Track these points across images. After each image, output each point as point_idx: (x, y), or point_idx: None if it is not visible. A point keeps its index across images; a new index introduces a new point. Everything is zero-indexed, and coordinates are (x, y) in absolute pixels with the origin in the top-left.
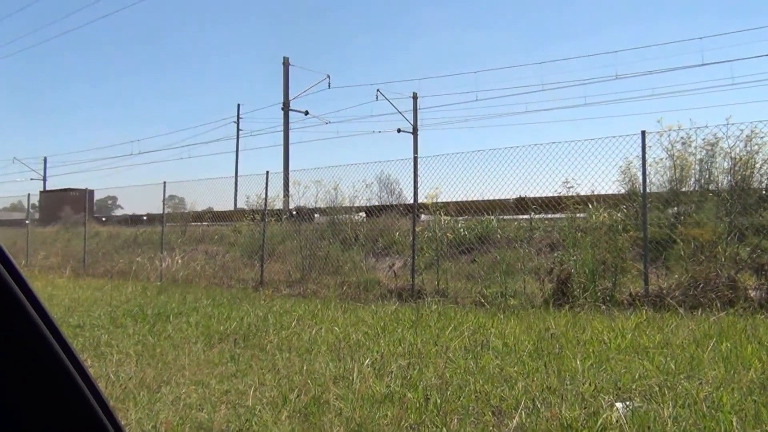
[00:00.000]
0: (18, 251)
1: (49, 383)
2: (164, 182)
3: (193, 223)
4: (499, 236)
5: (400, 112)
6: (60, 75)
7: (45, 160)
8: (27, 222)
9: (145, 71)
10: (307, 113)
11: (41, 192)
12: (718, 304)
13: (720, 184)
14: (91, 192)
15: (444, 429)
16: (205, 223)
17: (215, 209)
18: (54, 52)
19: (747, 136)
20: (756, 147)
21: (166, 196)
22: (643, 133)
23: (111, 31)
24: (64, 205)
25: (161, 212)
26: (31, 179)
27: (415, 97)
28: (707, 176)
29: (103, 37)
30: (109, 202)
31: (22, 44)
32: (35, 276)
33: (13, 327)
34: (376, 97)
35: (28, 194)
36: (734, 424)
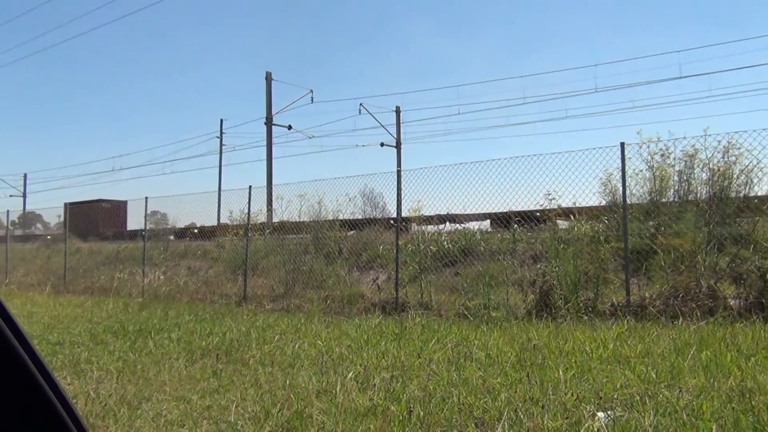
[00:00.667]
0: None
1: (22, 401)
2: (146, 197)
3: (175, 239)
4: (482, 248)
5: (384, 126)
6: (39, 92)
7: (25, 176)
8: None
9: (126, 87)
10: (290, 128)
11: (66, 204)
12: (699, 314)
13: (699, 195)
14: (125, 203)
15: None
16: (188, 239)
17: (198, 224)
18: (32, 69)
19: (724, 147)
20: (733, 158)
21: (149, 211)
22: (623, 144)
23: (91, 47)
24: (96, 218)
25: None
26: (11, 196)
27: (398, 111)
28: (686, 187)
29: (83, 53)
30: None
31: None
32: (14, 293)
33: None
34: (359, 111)
35: (8, 211)
36: (714, 431)
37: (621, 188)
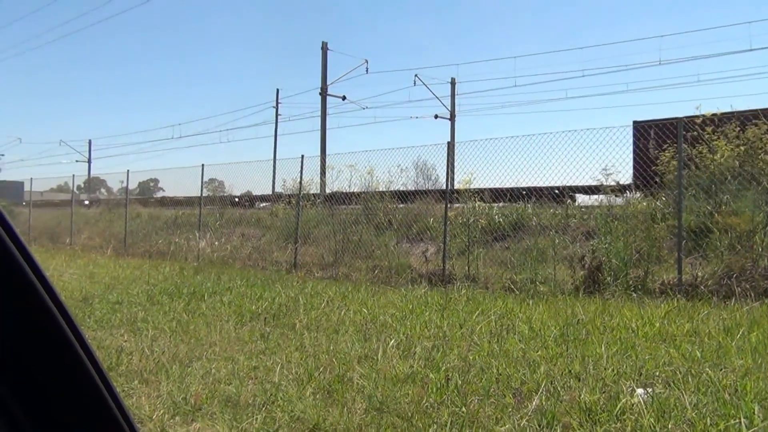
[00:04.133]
0: (63, 231)
1: (58, 365)
2: (202, 165)
3: (231, 206)
4: (534, 223)
5: (438, 98)
6: (105, 60)
7: (90, 142)
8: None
9: (187, 56)
10: (344, 98)
11: (636, 123)
12: (753, 294)
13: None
14: None
15: (463, 409)
16: (243, 207)
17: (254, 193)
18: (98, 37)
19: None
20: None
21: (206, 179)
22: (679, 120)
23: (154, 17)
24: None
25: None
26: (77, 161)
27: (453, 83)
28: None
29: (146, 21)
30: (151, 184)
31: (68, 29)
32: (78, 254)
33: (17, 306)
34: (414, 83)
35: (73, 175)
36: (756, 411)
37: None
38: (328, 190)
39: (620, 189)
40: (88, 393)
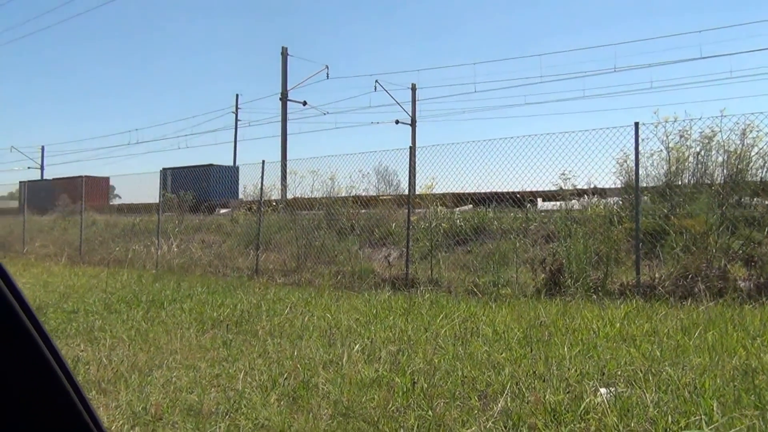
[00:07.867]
0: (15, 239)
1: (28, 377)
2: (161, 169)
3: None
4: (495, 227)
5: (399, 104)
6: (59, 64)
7: (42, 149)
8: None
9: (144, 61)
10: (305, 104)
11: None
12: (708, 295)
13: (714, 177)
14: None
15: (430, 412)
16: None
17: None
18: (52, 41)
19: (742, 129)
20: (751, 140)
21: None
22: (636, 124)
23: (110, 20)
24: None
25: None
26: (29, 168)
27: (413, 89)
28: (702, 169)
29: (102, 25)
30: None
31: (20, 32)
32: (31, 263)
33: None
34: (375, 88)
35: (20, 182)
36: (714, 408)
37: (634, 168)
38: (290, 196)
39: (578, 193)
40: (59, 401)
